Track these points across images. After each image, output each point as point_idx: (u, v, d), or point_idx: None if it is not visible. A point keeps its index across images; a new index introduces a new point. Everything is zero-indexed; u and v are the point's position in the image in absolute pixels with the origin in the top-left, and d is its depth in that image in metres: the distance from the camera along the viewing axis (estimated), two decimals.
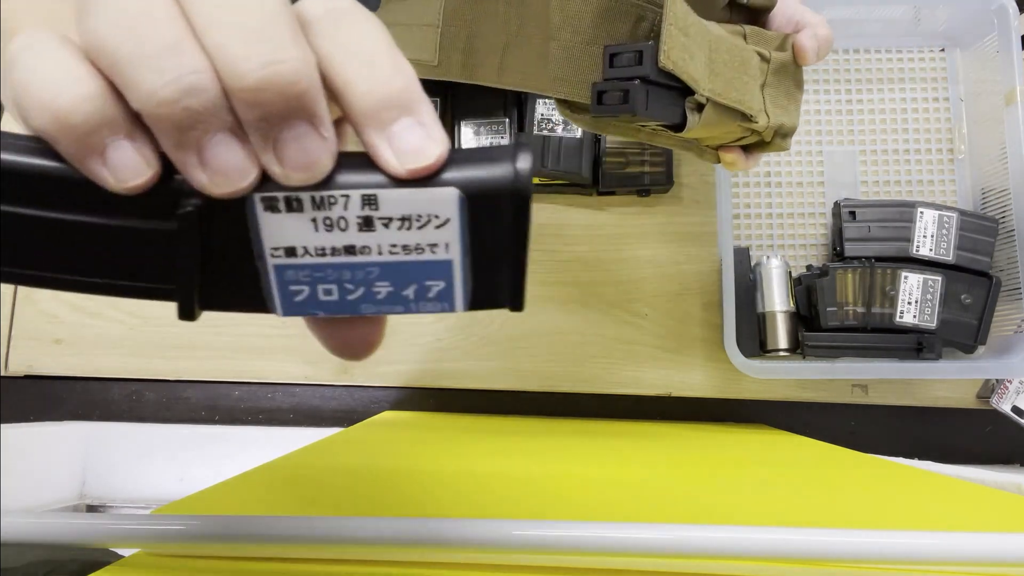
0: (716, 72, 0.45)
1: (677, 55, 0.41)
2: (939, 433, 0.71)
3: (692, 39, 0.42)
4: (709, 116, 0.45)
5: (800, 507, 0.37)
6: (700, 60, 0.43)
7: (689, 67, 0.42)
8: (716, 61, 0.45)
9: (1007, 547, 0.26)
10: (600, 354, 0.72)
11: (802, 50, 0.50)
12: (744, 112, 0.47)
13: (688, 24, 0.42)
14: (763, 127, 0.48)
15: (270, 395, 0.72)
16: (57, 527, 0.28)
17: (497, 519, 0.27)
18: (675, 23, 0.41)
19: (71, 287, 0.20)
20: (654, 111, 0.42)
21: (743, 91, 0.46)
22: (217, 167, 0.18)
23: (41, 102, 0.17)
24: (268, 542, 0.28)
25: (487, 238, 0.20)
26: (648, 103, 0.41)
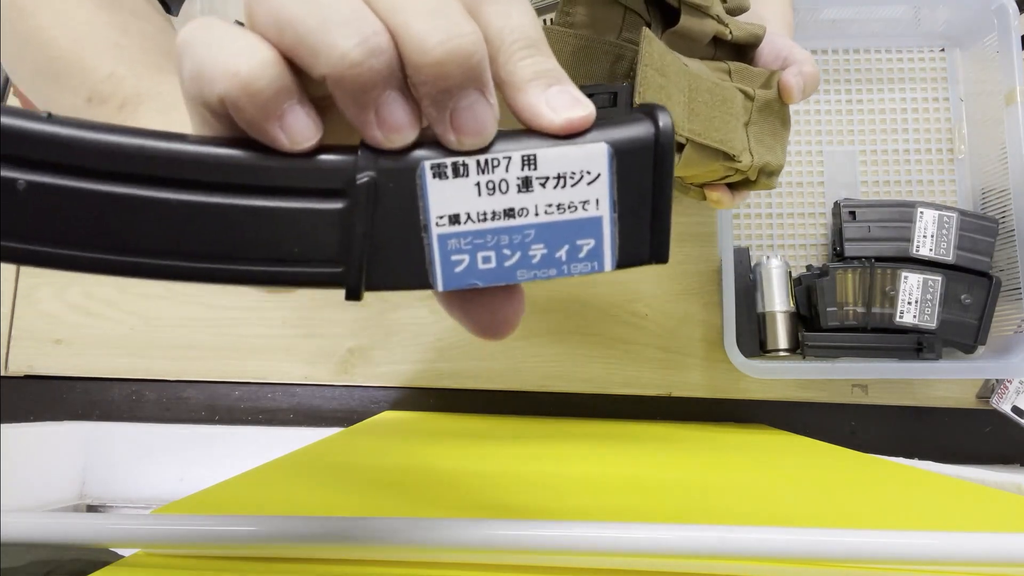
0: (696, 112, 0.44)
1: (652, 96, 0.41)
2: (939, 433, 0.71)
3: (670, 79, 0.42)
4: (690, 156, 0.44)
5: (800, 507, 0.37)
6: (678, 100, 0.43)
7: (662, 97, 0.41)
8: (696, 100, 0.44)
9: (1007, 547, 0.26)
10: (600, 354, 0.72)
11: (787, 88, 0.49)
12: (726, 152, 0.46)
13: (665, 64, 0.42)
14: (747, 166, 0.48)
15: (270, 395, 0.72)
16: (57, 527, 0.28)
17: (497, 519, 0.27)
18: (651, 64, 0.41)
19: (237, 278, 0.20)
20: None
21: (724, 130, 0.46)
22: (392, 123, 0.19)
23: (226, 70, 0.18)
24: (268, 542, 0.28)
25: (632, 193, 0.21)
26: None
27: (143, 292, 0.73)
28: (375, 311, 0.72)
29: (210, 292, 0.73)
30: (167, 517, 0.28)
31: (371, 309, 0.73)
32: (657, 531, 0.27)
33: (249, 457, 0.70)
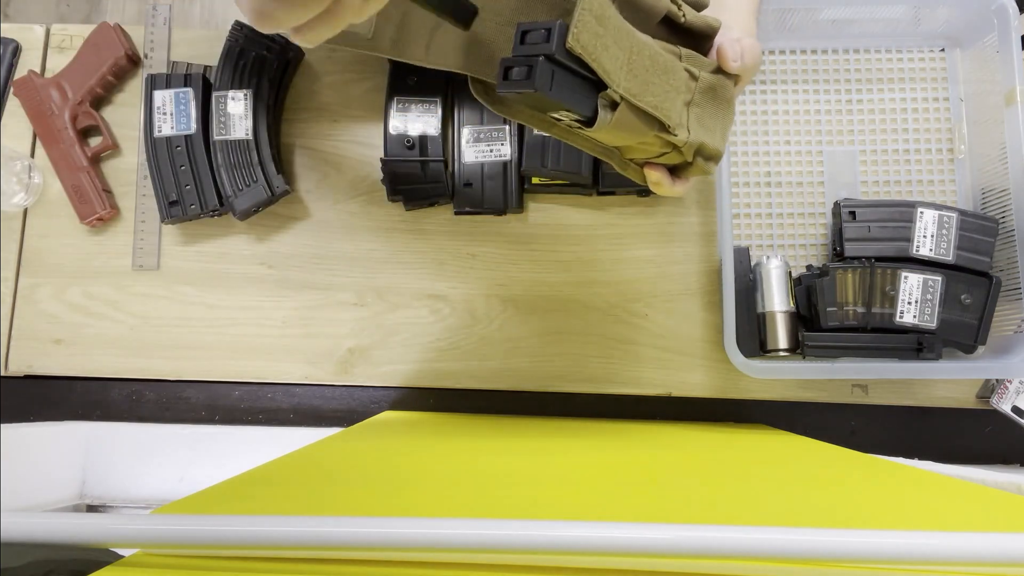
0: (634, 73, 0.43)
1: (587, 40, 0.40)
2: (939, 433, 0.71)
3: (608, 31, 0.42)
4: (623, 117, 0.44)
5: (800, 507, 0.37)
6: (616, 56, 0.42)
7: (602, 57, 0.41)
8: (636, 64, 0.43)
9: (1007, 547, 0.26)
10: (600, 354, 0.72)
11: (722, 53, 0.48)
12: (662, 120, 0.45)
13: (605, 15, 0.41)
14: (682, 142, 0.47)
15: (270, 395, 0.72)
16: (57, 527, 0.28)
17: (497, 519, 0.27)
18: (589, 9, 0.40)
19: None
20: (562, 95, 0.41)
21: (662, 98, 0.45)
22: None
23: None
24: (268, 542, 0.28)
25: None
26: (554, 84, 0.40)
27: (143, 292, 0.73)
28: (375, 311, 0.73)
29: (210, 292, 0.73)
30: (167, 517, 0.28)
31: (371, 309, 0.73)
32: (657, 531, 0.27)
33: (249, 457, 0.70)
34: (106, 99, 0.75)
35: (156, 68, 0.75)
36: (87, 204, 0.72)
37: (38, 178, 0.73)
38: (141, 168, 0.74)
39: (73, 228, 0.73)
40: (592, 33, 0.41)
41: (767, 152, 0.75)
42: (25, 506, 0.64)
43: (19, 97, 0.73)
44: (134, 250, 0.73)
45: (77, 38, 0.75)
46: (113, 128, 0.74)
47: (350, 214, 0.74)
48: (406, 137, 0.70)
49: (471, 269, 0.73)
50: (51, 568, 0.28)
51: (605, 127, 0.43)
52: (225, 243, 0.74)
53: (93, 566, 0.28)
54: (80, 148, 0.72)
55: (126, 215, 0.74)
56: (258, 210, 0.71)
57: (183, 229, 0.74)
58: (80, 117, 0.73)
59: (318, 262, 0.73)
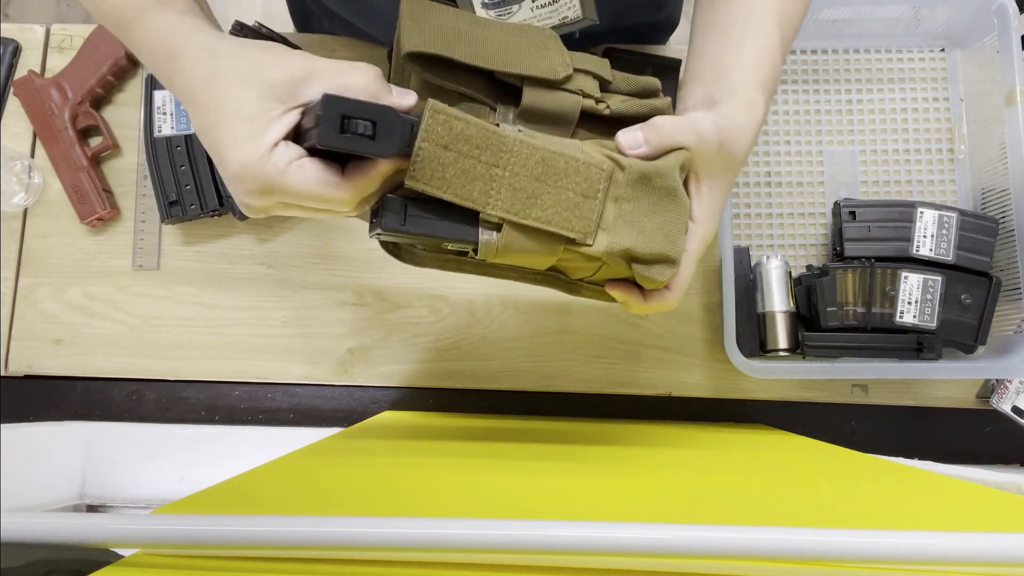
0: (516, 187, 0.38)
1: (427, 173, 0.37)
2: (939, 433, 0.71)
3: (464, 154, 0.37)
4: (511, 240, 0.39)
5: (800, 507, 0.37)
6: (481, 176, 0.38)
7: (454, 186, 0.37)
8: (518, 175, 0.38)
9: (1007, 547, 0.26)
10: (600, 354, 0.72)
11: (618, 143, 0.42)
12: (560, 234, 0.39)
13: (455, 137, 0.37)
14: (599, 252, 0.40)
15: (270, 395, 0.72)
16: (57, 527, 0.28)
17: (497, 519, 0.27)
18: (429, 139, 0.37)
19: None
20: (430, 227, 0.38)
21: (557, 208, 0.39)
22: None
23: None
24: (268, 542, 0.28)
25: None
26: (409, 219, 0.38)
27: (143, 292, 0.73)
28: (375, 311, 0.72)
29: (210, 292, 0.73)
30: (167, 517, 0.28)
31: (371, 309, 0.73)
32: (657, 531, 0.27)
33: (249, 457, 0.70)
34: (106, 99, 0.75)
35: None
36: (87, 204, 0.72)
37: (38, 178, 0.73)
38: (141, 168, 0.74)
39: (73, 228, 0.73)
40: (438, 164, 0.37)
41: (767, 152, 0.75)
42: (25, 506, 0.64)
43: (19, 97, 0.73)
44: (134, 250, 0.73)
45: (77, 38, 0.75)
46: (113, 128, 0.74)
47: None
48: None
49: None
50: (51, 568, 0.28)
51: (493, 253, 0.39)
52: (225, 243, 0.74)
53: (93, 566, 0.28)
54: (80, 148, 0.72)
55: (126, 215, 0.74)
56: None
57: (183, 229, 0.74)
58: (80, 117, 0.73)
59: (318, 262, 0.73)
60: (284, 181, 0.36)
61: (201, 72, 0.38)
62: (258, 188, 0.37)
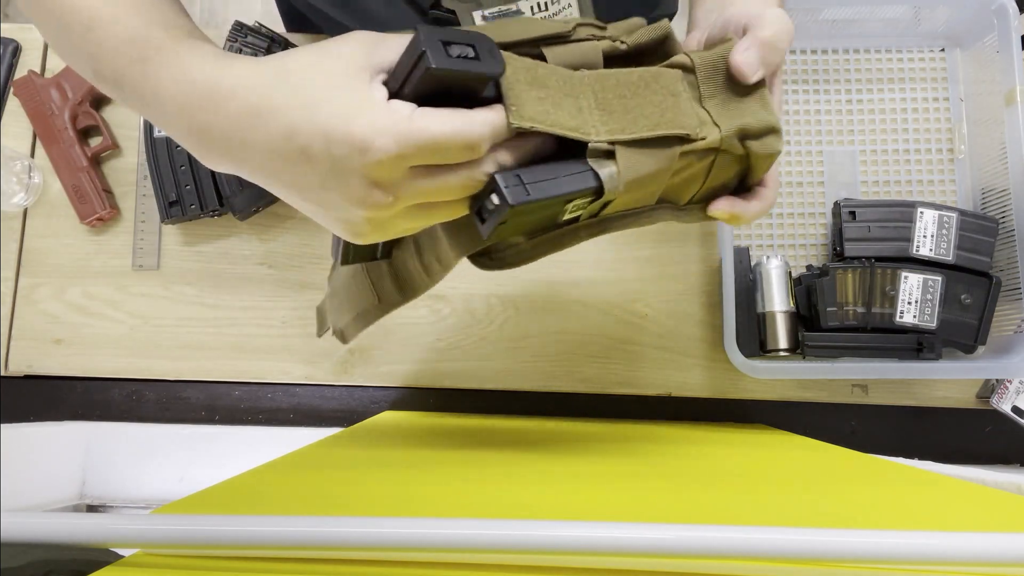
0: (608, 110, 0.36)
1: (532, 110, 0.34)
2: (939, 433, 0.71)
3: (552, 88, 0.35)
4: (630, 161, 0.36)
5: (800, 507, 0.37)
6: (575, 105, 0.36)
7: (558, 118, 0.35)
8: (606, 99, 0.37)
9: (1007, 547, 0.26)
10: (600, 354, 0.72)
11: (737, 70, 0.39)
12: (676, 135, 0.37)
13: (539, 76, 0.35)
14: (718, 140, 0.39)
15: (270, 395, 0.72)
16: (57, 527, 0.28)
17: (497, 519, 0.27)
18: (518, 79, 0.34)
19: None
20: (545, 190, 0.34)
21: (661, 111, 0.37)
22: None
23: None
24: (268, 542, 0.28)
25: None
26: (531, 187, 0.34)
27: (143, 292, 0.73)
28: None
29: (210, 292, 0.73)
30: (167, 517, 0.28)
31: None
32: (657, 531, 0.27)
33: (249, 457, 0.70)
34: (106, 99, 0.75)
35: None
36: (87, 204, 0.72)
37: (38, 178, 0.73)
38: (141, 168, 0.74)
39: (73, 228, 0.73)
40: (535, 100, 0.34)
41: None
42: (25, 506, 0.64)
43: (19, 97, 0.73)
44: (134, 250, 0.73)
45: None
46: (113, 128, 0.74)
47: None
48: None
49: (471, 269, 0.73)
50: (51, 568, 0.28)
51: (618, 187, 0.36)
52: (225, 243, 0.74)
53: (93, 566, 0.28)
54: (80, 148, 0.72)
55: (126, 215, 0.74)
56: (258, 210, 0.71)
57: (183, 229, 0.74)
58: (80, 117, 0.73)
59: (318, 262, 0.73)
60: (418, 126, 0.32)
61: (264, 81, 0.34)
62: (394, 147, 0.32)
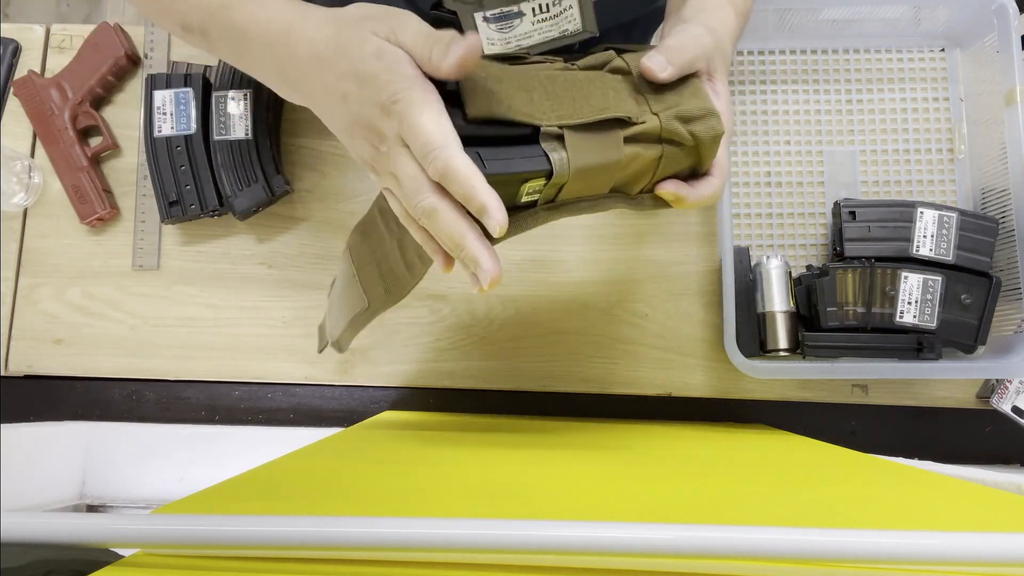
0: (558, 97, 0.40)
1: (483, 104, 0.38)
2: (939, 433, 0.71)
3: (507, 83, 0.39)
4: (578, 144, 0.40)
5: (800, 507, 0.37)
6: (526, 98, 0.40)
7: (513, 102, 0.39)
8: (556, 92, 0.40)
9: (1007, 547, 0.26)
10: (600, 354, 0.72)
11: (644, 70, 0.43)
12: (619, 117, 0.41)
13: (493, 73, 0.39)
14: (656, 124, 0.42)
15: (270, 395, 0.72)
16: (57, 527, 0.28)
17: (497, 519, 0.27)
18: (479, 72, 0.38)
19: None
20: (506, 166, 0.38)
21: (605, 102, 0.42)
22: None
23: None
24: (268, 542, 0.28)
25: None
26: (489, 163, 0.38)
27: (143, 292, 0.73)
28: None
29: (210, 292, 0.73)
30: (167, 517, 0.28)
31: None
32: (657, 531, 0.27)
33: (249, 457, 0.70)
34: (106, 99, 0.75)
35: (156, 68, 0.75)
36: (87, 204, 0.72)
37: (38, 178, 0.73)
38: (141, 168, 0.74)
39: (73, 228, 0.73)
40: (483, 92, 0.38)
41: (767, 152, 0.75)
42: (25, 506, 0.64)
43: (19, 97, 0.73)
44: (134, 250, 0.73)
45: (77, 38, 0.75)
46: (113, 128, 0.74)
47: (350, 214, 0.74)
48: None
49: None
50: (51, 568, 0.28)
51: (567, 170, 0.40)
52: (225, 243, 0.74)
53: (93, 566, 0.28)
54: (80, 148, 0.72)
55: (126, 215, 0.74)
56: (258, 210, 0.71)
57: (183, 229, 0.74)
58: (80, 117, 0.73)
59: (318, 262, 0.73)
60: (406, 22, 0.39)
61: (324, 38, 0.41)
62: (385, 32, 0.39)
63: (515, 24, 0.54)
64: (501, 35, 0.55)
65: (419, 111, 0.37)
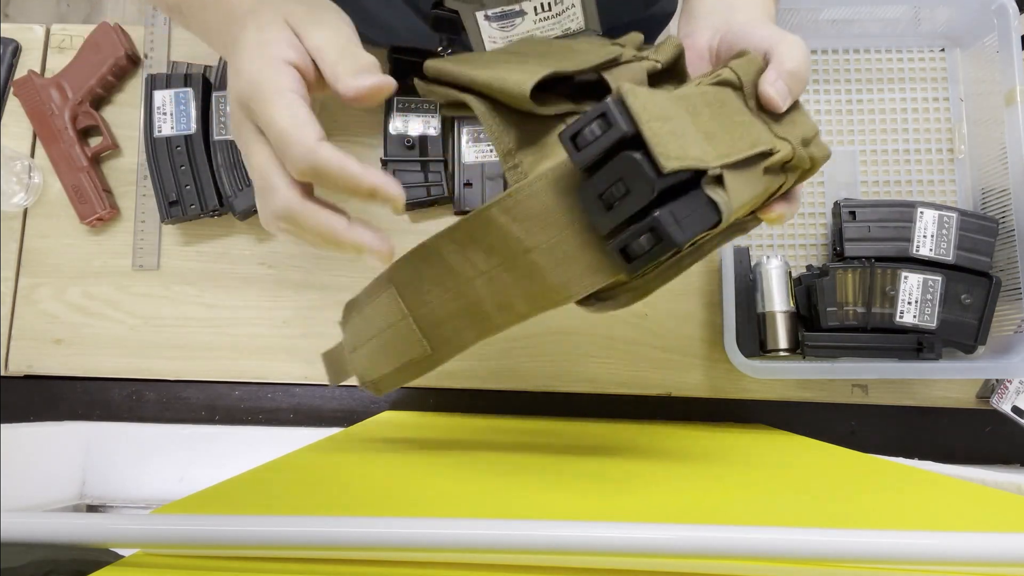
0: (710, 134, 0.34)
1: (675, 148, 0.31)
2: (939, 433, 0.71)
3: (674, 119, 0.33)
4: (735, 183, 0.34)
5: (800, 507, 0.37)
6: (692, 135, 0.33)
7: (690, 152, 0.32)
8: (701, 120, 0.35)
9: (1007, 547, 0.26)
10: (600, 354, 0.72)
11: (768, 100, 0.39)
12: (761, 152, 0.37)
13: (660, 106, 0.32)
14: (790, 152, 0.38)
15: (270, 395, 0.72)
16: (57, 527, 0.28)
17: (496, 519, 0.27)
18: (650, 114, 0.31)
19: None
20: (692, 225, 0.32)
21: (747, 132, 0.37)
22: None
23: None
24: (268, 542, 0.28)
25: None
26: (686, 221, 0.31)
27: (143, 292, 0.73)
28: None
29: (210, 292, 0.73)
30: (167, 517, 0.28)
31: None
32: (657, 531, 0.27)
33: (249, 457, 0.70)
34: (106, 99, 0.75)
35: (156, 68, 0.75)
36: (87, 204, 0.72)
37: (38, 178, 0.73)
38: (141, 168, 0.74)
39: (73, 228, 0.73)
40: (668, 135, 0.31)
41: None
42: (25, 506, 0.64)
43: (19, 97, 0.73)
44: (134, 250, 0.73)
45: (77, 38, 0.75)
46: (113, 128, 0.74)
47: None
48: (406, 137, 0.70)
49: None
50: (51, 568, 0.28)
51: (732, 213, 0.34)
52: (225, 243, 0.74)
53: (93, 566, 0.28)
54: (80, 148, 0.72)
55: (126, 215, 0.74)
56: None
57: (183, 229, 0.74)
58: (80, 117, 0.73)
59: (318, 262, 0.73)
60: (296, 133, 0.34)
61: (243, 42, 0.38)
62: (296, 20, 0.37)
63: (517, 23, 0.54)
64: (503, 34, 0.55)
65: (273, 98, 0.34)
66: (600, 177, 0.32)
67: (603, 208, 0.32)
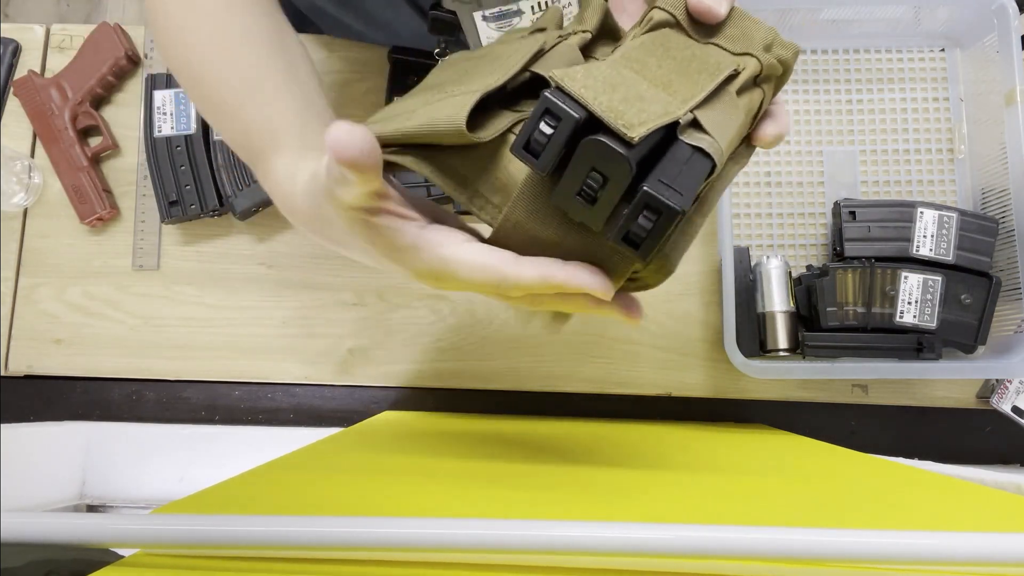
0: (667, 83, 0.32)
1: (634, 113, 0.29)
2: (939, 433, 0.71)
3: (622, 84, 0.31)
4: (713, 119, 0.32)
5: (800, 507, 0.37)
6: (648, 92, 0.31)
7: (651, 109, 0.30)
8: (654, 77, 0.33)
9: (1007, 547, 0.26)
10: (600, 354, 0.72)
11: (704, 14, 0.36)
12: (730, 76, 0.34)
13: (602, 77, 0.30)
14: (756, 66, 0.36)
15: (270, 395, 0.72)
16: (57, 527, 0.28)
17: (496, 519, 0.27)
18: (594, 90, 0.29)
19: None
20: (687, 183, 0.30)
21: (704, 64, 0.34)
22: None
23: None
24: (268, 542, 0.28)
25: None
26: (678, 186, 0.29)
27: (143, 292, 0.73)
28: (375, 311, 0.72)
29: (210, 292, 0.73)
30: (167, 517, 0.28)
31: (371, 309, 0.73)
32: (657, 531, 0.27)
33: (249, 457, 0.70)
34: (106, 99, 0.75)
35: (156, 68, 0.75)
36: (87, 204, 0.72)
37: (38, 178, 0.73)
38: (141, 168, 0.74)
39: (73, 228, 0.73)
40: (623, 101, 0.30)
41: (767, 152, 0.75)
42: (25, 506, 0.64)
43: (19, 97, 0.73)
44: (134, 250, 0.73)
45: (77, 38, 0.75)
46: (113, 128, 0.74)
47: None
48: None
49: None
50: (51, 568, 0.28)
51: (723, 155, 0.32)
52: (225, 243, 0.74)
53: (93, 566, 0.28)
54: (80, 148, 0.72)
55: (126, 215, 0.74)
56: (258, 210, 0.71)
57: (183, 229, 0.74)
58: (80, 117, 0.73)
59: (318, 262, 0.73)
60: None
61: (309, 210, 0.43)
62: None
63: (514, 22, 0.54)
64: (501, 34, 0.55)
65: (449, 250, 0.33)
66: (570, 175, 0.30)
67: (587, 204, 0.30)
